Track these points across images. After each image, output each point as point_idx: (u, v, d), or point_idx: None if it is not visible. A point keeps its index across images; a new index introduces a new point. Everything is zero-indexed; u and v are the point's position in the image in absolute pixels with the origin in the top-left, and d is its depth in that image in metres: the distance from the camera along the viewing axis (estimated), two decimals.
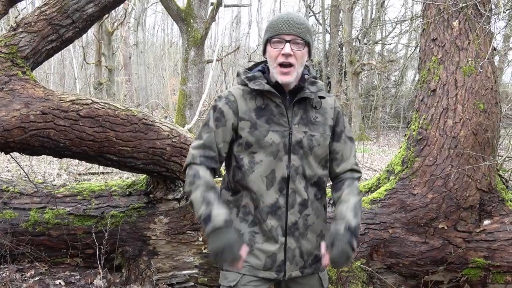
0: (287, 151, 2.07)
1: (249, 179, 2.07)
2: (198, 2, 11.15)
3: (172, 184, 3.86)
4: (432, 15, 4.06)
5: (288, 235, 2.09)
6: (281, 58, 2.04)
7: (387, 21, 22.55)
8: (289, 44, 2.02)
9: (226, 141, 2.12)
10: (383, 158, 13.77)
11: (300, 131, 2.09)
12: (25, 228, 3.96)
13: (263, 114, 2.09)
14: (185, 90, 11.12)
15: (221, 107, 2.12)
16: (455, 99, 3.80)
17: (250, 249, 2.09)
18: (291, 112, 2.11)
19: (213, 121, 2.12)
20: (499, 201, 3.81)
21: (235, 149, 2.12)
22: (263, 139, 2.05)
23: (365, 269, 3.65)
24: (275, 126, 2.07)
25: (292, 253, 2.10)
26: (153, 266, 3.84)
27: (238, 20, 34.52)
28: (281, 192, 2.08)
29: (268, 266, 2.09)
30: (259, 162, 2.06)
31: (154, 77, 31.72)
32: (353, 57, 20.86)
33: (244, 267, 2.08)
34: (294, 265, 2.11)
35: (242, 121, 2.08)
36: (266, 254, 2.09)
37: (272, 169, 2.07)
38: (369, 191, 4.21)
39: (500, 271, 3.68)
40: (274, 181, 2.07)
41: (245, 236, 2.11)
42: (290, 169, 2.07)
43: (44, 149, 3.36)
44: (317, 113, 2.16)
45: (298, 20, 2.05)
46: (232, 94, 2.14)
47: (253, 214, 2.10)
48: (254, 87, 2.07)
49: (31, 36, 3.48)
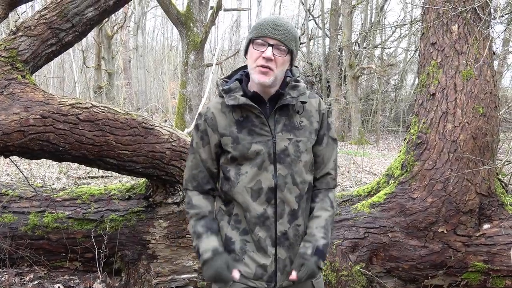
0: (272, 160, 2.04)
1: (235, 191, 2.07)
2: (197, 6, 11.17)
3: (172, 188, 3.86)
4: (431, 19, 4.07)
5: (278, 246, 2.08)
6: (261, 60, 1.98)
7: (386, 25, 22.60)
8: (271, 48, 1.97)
9: (213, 159, 2.14)
10: (383, 162, 13.77)
11: (284, 139, 2.06)
12: (24, 232, 3.95)
13: (244, 126, 2.05)
14: (185, 93, 11.13)
15: (202, 126, 2.12)
16: (455, 103, 3.80)
17: (241, 257, 2.10)
18: (272, 120, 2.06)
19: (196, 141, 2.14)
20: (499, 205, 3.81)
21: (222, 161, 2.13)
22: (247, 152, 2.03)
23: (364, 273, 3.64)
24: (257, 137, 2.04)
25: (283, 263, 2.09)
26: (152, 270, 3.84)
27: (237, 24, 34.58)
28: (269, 202, 2.05)
29: (258, 275, 2.08)
30: (244, 174, 2.05)
31: (153, 80, 31.76)
32: (353, 61, 20.89)
33: None
34: (285, 276, 2.10)
35: (223, 137, 2.07)
36: (256, 263, 2.08)
37: (257, 179, 2.04)
38: (369, 195, 4.21)
39: (499, 275, 3.67)
40: (261, 192, 2.04)
41: (236, 244, 2.10)
42: (277, 178, 2.04)
43: (44, 152, 3.36)
44: (301, 118, 2.11)
45: (285, 26, 2.00)
46: (211, 111, 2.11)
47: (244, 222, 2.10)
48: (229, 102, 2.03)
49: (31, 40, 3.48)
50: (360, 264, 3.66)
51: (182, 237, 3.80)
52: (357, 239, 3.73)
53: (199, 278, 3.82)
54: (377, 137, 22.24)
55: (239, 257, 2.09)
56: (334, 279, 3.52)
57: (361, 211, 3.88)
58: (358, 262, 3.66)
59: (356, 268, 3.63)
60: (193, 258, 3.79)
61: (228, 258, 2.07)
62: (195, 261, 3.79)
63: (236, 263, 2.10)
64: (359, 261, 3.67)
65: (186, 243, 3.79)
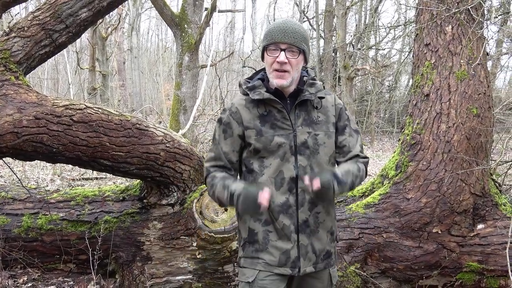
0: (293, 152, 2.17)
1: (259, 182, 2.18)
2: (192, 7, 11.15)
3: (166, 189, 3.85)
4: (425, 21, 4.08)
5: (300, 232, 2.19)
6: (276, 65, 2.13)
7: (380, 27, 22.64)
8: (284, 53, 2.11)
9: (236, 150, 2.26)
10: (377, 163, 13.79)
11: (304, 132, 2.19)
12: (18, 234, 3.93)
13: (267, 120, 2.19)
14: (179, 95, 11.10)
15: (226, 120, 2.25)
16: (449, 104, 3.81)
17: (264, 247, 2.20)
18: (293, 115, 2.21)
19: (219, 134, 2.27)
20: (493, 205, 3.83)
21: (244, 155, 2.26)
22: (270, 144, 2.16)
23: (359, 273, 3.64)
24: (279, 130, 2.18)
25: (305, 249, 2.20)
26: (146, 272, 3.82)
27: (232, 25, 34.54)
28: (291, 191, 2.17)
29: (282, 262, 2.19)
30: (269, 166, 2.18)
31: (148, 82, 31.67)
32: (347, 62, 20.91)
33: (259, 264, 2.21)
34: (308, 261, 2.20)
35: (248, 129, 2.20)
36: (280, 251, 2.19)
37: (280, 170, 2.17)
38: (363, 195, 4.21)
39: (494, 275, 3.69)
40: (283, 182, 2.17)
41: (259, 235, 2.22)
42: (298, 169, 2.17)
43: (37, 154, 3.34)
44: (319, 113, 2.26)
45: (293, 29, 2.14)
46: (235, 106, 2.25)
47: (265, 213, 2.17)
48: (255, 97, 2.18)
49: (24, 41, 3.47)
50: (355, 264, 3.66)
51: (177, 239, 3.79)
52: (352, 239, 3.73)
53: (194, 279, 3.81)
54: (371, 138, 22.27)
55: (263, 247, 2.21)
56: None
57: (355, 211, 3.88)
58: (353, 263, 3.66)
59: (351, 268, 3.63)
60: (188, 260, 3.78)
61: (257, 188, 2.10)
62: (190, 263, 3.78)
63: (260, 252, 2.21)
64: (354, 261, 3.67)
65: (181, 244, 3.78)
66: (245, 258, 2.28)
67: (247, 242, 2.27)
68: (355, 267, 3.65)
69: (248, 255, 2.26)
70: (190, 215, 3.65)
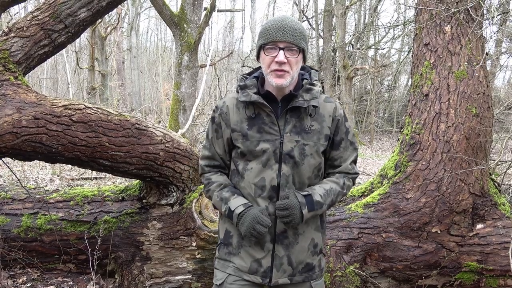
0: (278, 160, 2.07)
1: (242, 185, 2.13)
2: (191, 7, 11.15)
3: (165, 189, 3.85)
4: (424, 20, 4.08)
5: (276, 243, 2.10)
6: (274, 65, 2.01)
7: (380, 26, 22.65)
8: (283, 52, 1.99)
9: (226, 151, 2.22)
10: (377, 163, 13.80)
11: (292, 140, 2.08)
12: (17, 234, 3.93)
13: (255, 123, 2.10)
14: (179, 95, 11.09)
15: (217, 120, 2.20)
16: (448, 104, 3.81)
17: (237, 251, 2.14)
18: (283, 121, 2.09)
19: (212, 133, 2.23)
20: (492, 205, 3.83)
21: (233, 155, 2.20)
22: (255, 149, 2.08)
23: (358, 273, 3.64)
24: (266, 135, 2.08)
25: (279, 260, 2.11)
26: (146, 272, 3.82)
27: (231, 25, 34.55)
28: (271, 200, 2.08)
29: (253, 270, 2.11)
30: (250, 169, 2.10)
31: (147, 82, 31.69)
32: (347, 62, 20.92)
33: (229, 267, 2.15)
34: (282, 273, 2.12)
35: (234, 132, 2.12)
36: (252, 258, 2.12)
37: (261, 177, 2.08)
38: (362, 195, 4.21)
39: (493, 275, 3.69)
40: (264, 189, 2.09)
41: (234, 238, 2.15)
42: (281, 178, 2.07)
43: (37, 154, 3.34)
44: (313, 121, 2.12)
45: (292, 26, 2.01)
46: (226, 105, 2.18)
47: None
48: (241, 98, 2.09)
49: (23, 41, 3.47)
50: (354, 264, 3.66)
51: (176, 239, 3.79)
52: (351, 239, 3.73)
53: (193, 279, 3.81)
54: (371, 138, 22.29)
55: (236, 251, 2.14)
56: (328, 279, 3.52)
57: (355, 211, 3.88)
58: (352, 263, 3.66)
59: (350, 268, 3.63)
60: (187, 260, 3.78)
61: (259, 208, 2.06)
62: (189, 263, 3.78)
63: (232, 256, 2.15)
64: (353, 261, 3.67)
65: (180, 244, 3.78)
66: (219, 260, 2.23)
67: (222, 244, 2.21)
68: (355, 267, 3.65)
69: (221, 257, 2.20)
70: (189, 215, 3.65)
